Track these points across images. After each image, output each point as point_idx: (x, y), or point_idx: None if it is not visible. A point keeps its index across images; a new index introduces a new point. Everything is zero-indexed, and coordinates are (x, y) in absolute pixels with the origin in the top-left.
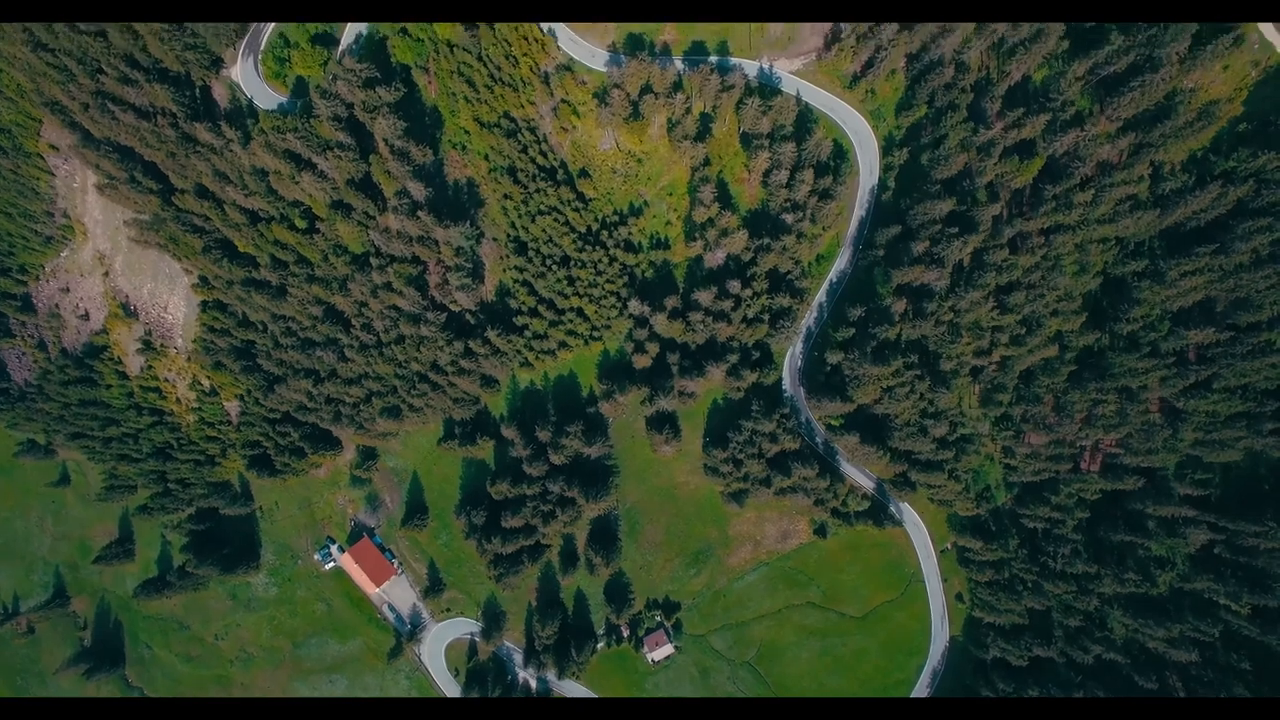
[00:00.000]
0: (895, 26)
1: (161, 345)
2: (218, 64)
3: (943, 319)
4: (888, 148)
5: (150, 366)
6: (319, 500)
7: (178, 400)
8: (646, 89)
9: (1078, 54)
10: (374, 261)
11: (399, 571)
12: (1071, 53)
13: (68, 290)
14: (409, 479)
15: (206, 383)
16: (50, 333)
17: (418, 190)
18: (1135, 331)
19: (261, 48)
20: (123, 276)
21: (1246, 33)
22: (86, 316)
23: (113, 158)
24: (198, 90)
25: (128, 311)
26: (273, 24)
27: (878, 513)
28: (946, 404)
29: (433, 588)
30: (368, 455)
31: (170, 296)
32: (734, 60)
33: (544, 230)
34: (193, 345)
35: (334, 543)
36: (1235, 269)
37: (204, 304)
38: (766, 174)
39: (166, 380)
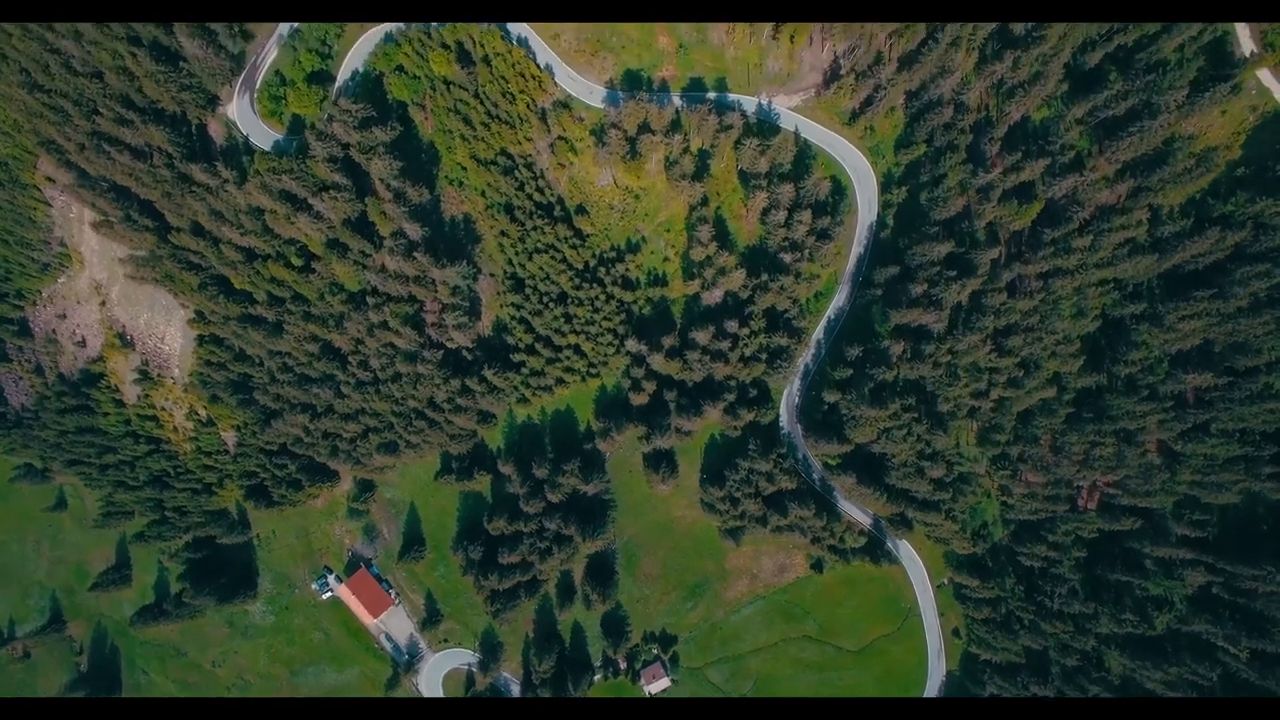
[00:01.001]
0: (894, 66)
1: (158, 375)
2: (214, 102)
3: (940, 360)
4: (886, 185)
5: (147, 395)
6: (316, 530)
7: (175, 429)
8: (644, 127)
9: (1077, 96)
10: (370, 300)
11: (396, 602)
12: (1071, 95)
13: (64, 317)
14: (406, 510)
15: (203, 412)
16: (47, 358)
17: (414, 230)
18: (1133, 374)
19: (257, 86)
20: (119, 306)
21: (1244, 80)
22: (83, 343)
23: (108, 197)
24: (194, 129)
25: (124, 341)
26: (269, 61)
27: (874, 549)
28: (943, 445)
29: (430, 619)
30: (365, 487)
31: (167, 328)
32: (732, 97)
33: (541, 268)
34: (189, 377)
35: (331, 572)
36: (1234, 313)
37: (200, 338)
38: (765, 212)
39: (163, 409)
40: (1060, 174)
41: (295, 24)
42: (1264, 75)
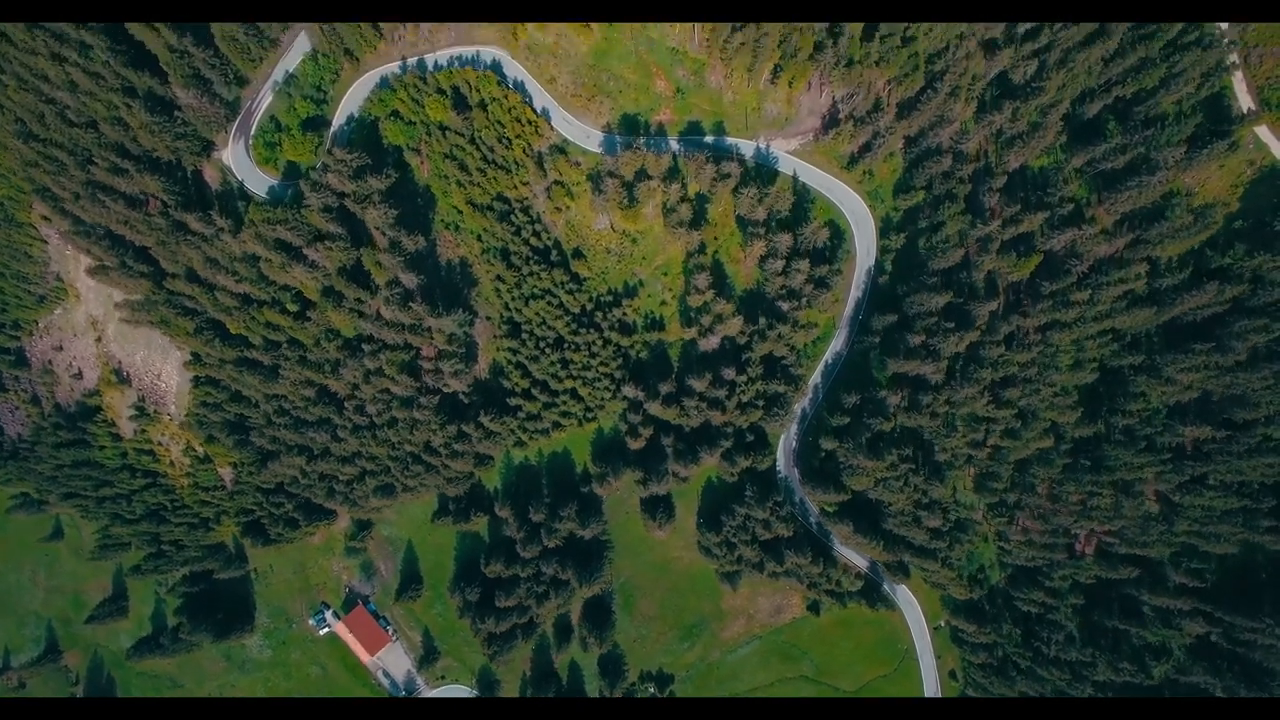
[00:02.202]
0: (893, 113)
1: (154, 411)
2: (209, 148)
3: (938, 411)
4: (885, 230)
5: (143, 431)
6: (313, 565)
7: (171, 463)
8: (642, 174)
9: (1076, 146)
10: (366, 347)
11: (394, 639)
12: (1070, 145)
13: (61, 348)
14: (404, 548)
15: (200, 449)
16: (44, 388)
17: (409, 279)
18: (1131, 425)
19: (252, 131)
20: (115, 343)
21: (1242, 137)
22: (80, 375)
23: (103, 244)
24: (189, 175)
25: (120, 377)
26: (264, 106)
27: (871, 593)
28: (940, 495)
29: (427, 656)
30: (362, 525)
31: (163, 365)
32: (730, 140)
33: (537, 313)
34: (185, 417)
35: (329, 608)
36: (1232, 367)
37: (196, 379)
38: (763, 259)
39: (160, 444)
40: (1059, 227)
41: (289, 70)
42: (1261, 130)
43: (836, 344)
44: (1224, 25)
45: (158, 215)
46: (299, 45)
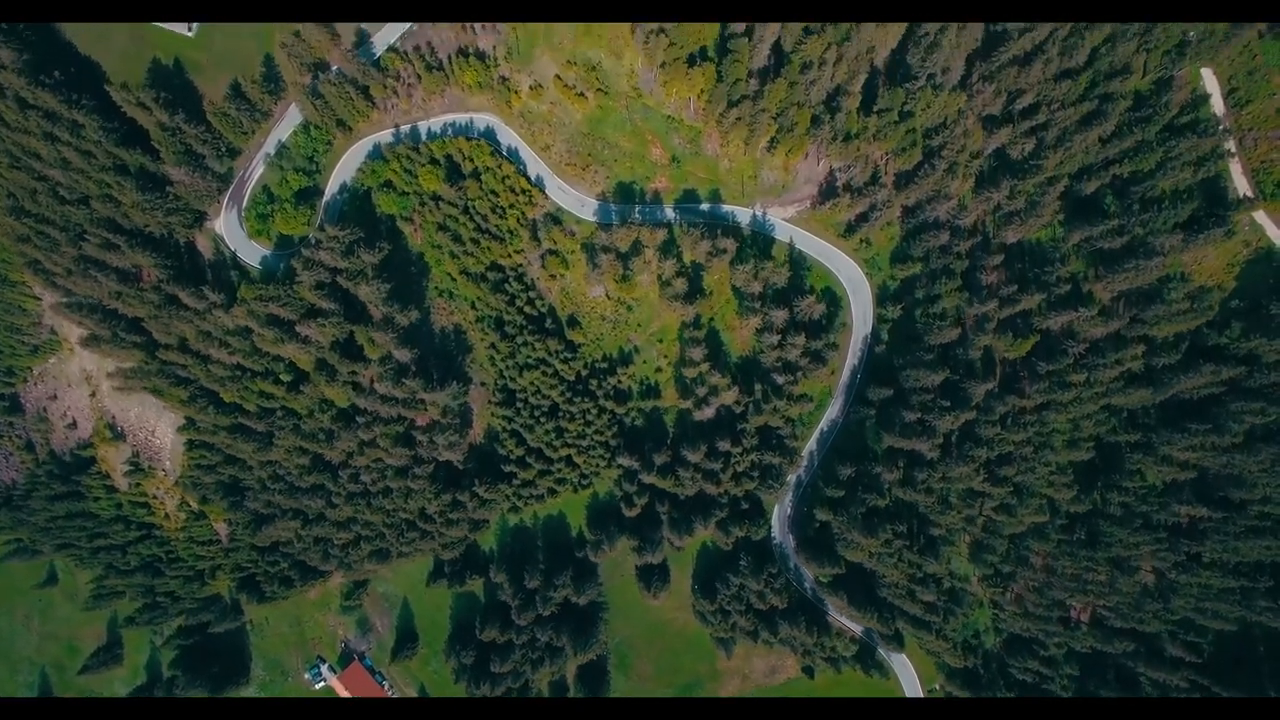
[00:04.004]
0: (891, 188)
1: (149, 467)
2: (201, 219)
3: (933, 487)
4: (882, 298)
5: (138, 485)
6: (309, 620)
7: (166, 516)
8: (637, 245)
9: (1074, 222)
10: (360, 419)
11: (390, 695)
12: (1068, 221)
13: (55, 397)
14: (400, 604)
15: (195, 504)
16: (38, 435)
17: (403, 355)
18: (1128, 503)
19: (245, 201)
20: (109, 398)
21: (1237, 222)
22: (74, 425)
23: (95, 317)
24: (181, 246)
25: (115, 433)
26: (256, 176)
27: (866, 657)
28: (935, 570)
29: None
30: (358, 583)
31: (157, 422)
32: (727, 208)
33: (532, 382)
34: (179, 476)
35: (324, 662)
36: (1229, 448)
37: (190, 443)
38: (759, 331)
39: (155, 497)
40: (1057, 307)
41: (281, 139)
42: (1257, 214)
43: (832, 411)
44: (1220, 111)
45: (150, 290)
46: (290, 116)
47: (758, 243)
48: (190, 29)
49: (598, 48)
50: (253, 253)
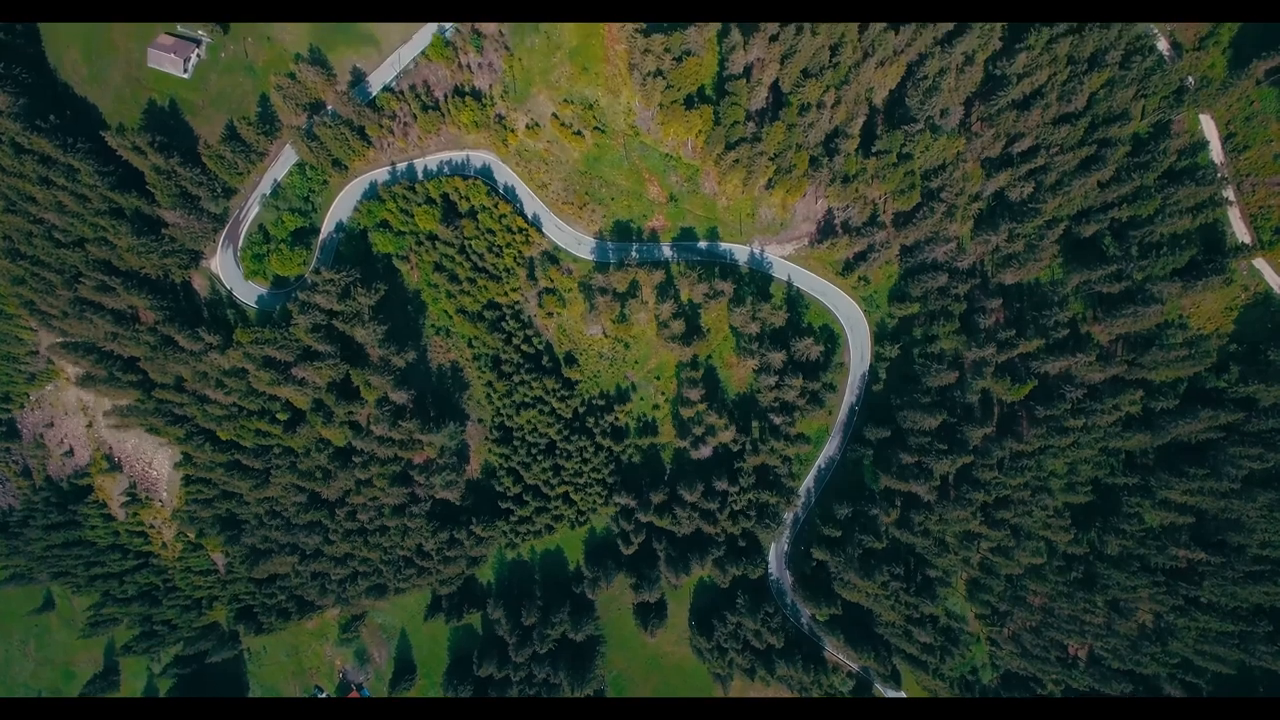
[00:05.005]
0: (890, 230)
1: (146, 497)
2: (197, 258)
3: (930, 529)
4: (880, 336)
5: (135, 515)
6: (307, 650)
7: (164, 545)
8: (634, 286)
9: (1073, 265)
10: (356, 459)
11: None
12: (1067, 263)
13: (52, 425)
14: (397, 635)
15: (192, 537)
16: (35, 461)
17: (399, 397)
18: (1126, 545)
19: (240, 241)
20: (106, 429)
21: (1235, 269)
22: (71, 453)
23: (91, 358)
24: (177, 286)
25: (111, 464)
26: (252, 215)
27: (862, 692)
28: (932, 611)
29: None
30: (356, 615)
31: (154, 454)
32: (724, 246)
33: (529, 421)
34: (176, 509)
35: (322, 691)
36: (1227, 493)
37: (186, 478)
38: (756, 372)
39: (152, 527)
40: (1055, 351)
41: (277, 180)
42: (1258, 262)
43: (830, 448)
44: (1218, 157)
45: (146, 331)
46: (286, 155)
47: (755, 280)
48: (186, 70)
49: (595, 86)
50: (249, 292)
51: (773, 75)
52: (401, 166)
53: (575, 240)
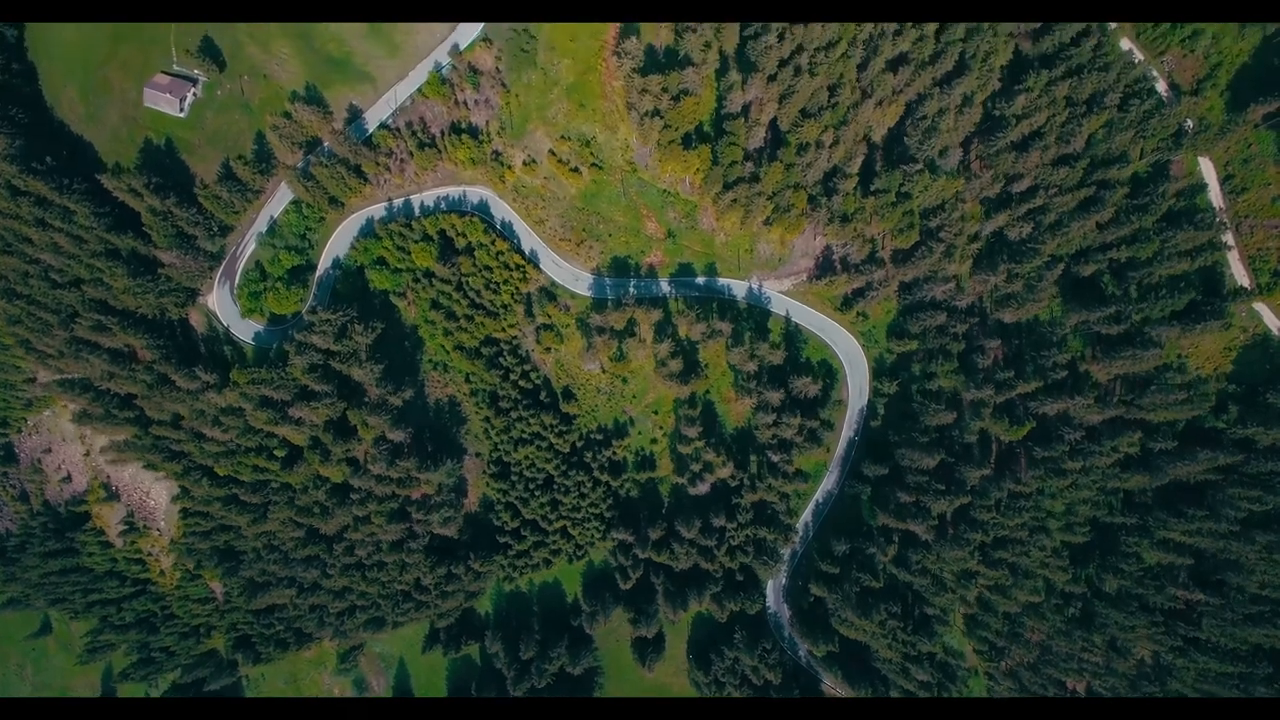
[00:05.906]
0: (889, 268)
1: (144, 526)
2: (194, 296)
3: (928, 568)
4: (879, 372)
5: (133, 543)
6: (305, 678)
7: (162, 572)
8: (632, 324)
9: (1072, 305)
10: (354, 495)
11: None
12: (1066, 302)
13: (49, 450)
14: (396, 665)
15: (190, 568)
16: (33, 486)
17: (397, 436)
18: (1124, 585)
19: (237, 278)
20: (103, 457)
21: (1233, 313)
22: (69, 479)
23: (88, 396)
24: (174, 324)
25: (109, 492)
26: (248, 253)
27: None
28: (929, 649)
29: None
30: (354, 645)
31: (152, 485)
32: (722, 281)
33: (527, 456)
34: (173, 540)
35: None
36: (1226, 534)
37: (184, 511)
38: (754, 409)
39: (150, 555)
40: (1054, 392)
41: (274, 217)
42: (1258, 305)
43: (828, 482)
44: (1217, 201)
45: (142, 369)
46: (282, 193)
47: (753, 315)
48: (181, 110)
49: (592, 122)
50: (246, 329)
51: (771, 114)
52: (398, 203)
53: (573, 276)
